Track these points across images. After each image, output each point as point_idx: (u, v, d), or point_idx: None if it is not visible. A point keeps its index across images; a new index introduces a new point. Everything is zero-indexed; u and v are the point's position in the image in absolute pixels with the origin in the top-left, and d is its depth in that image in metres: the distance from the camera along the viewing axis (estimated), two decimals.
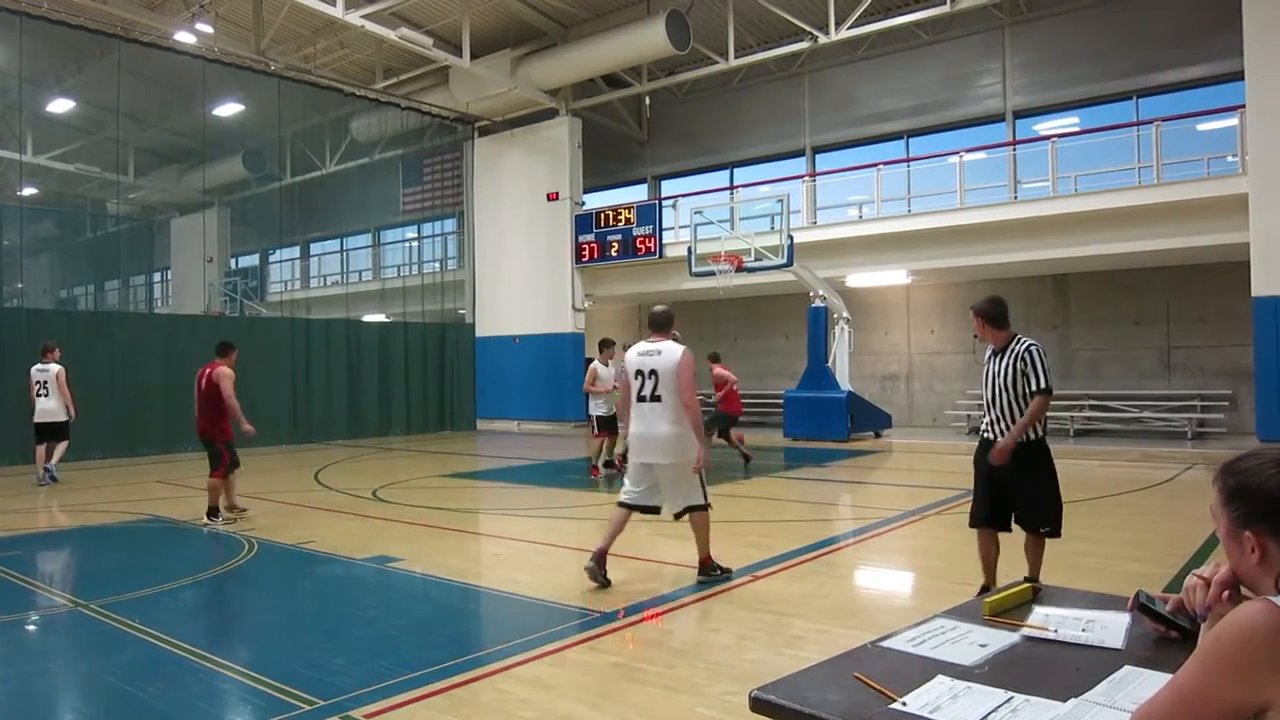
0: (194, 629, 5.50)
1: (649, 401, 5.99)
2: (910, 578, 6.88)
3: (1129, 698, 1.70)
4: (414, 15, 18.68)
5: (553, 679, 4.32)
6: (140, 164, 25.28)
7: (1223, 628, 1.40)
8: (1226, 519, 1.52)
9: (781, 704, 1.80)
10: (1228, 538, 1.53)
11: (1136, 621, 2.14)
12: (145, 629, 5.19)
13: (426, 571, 6.84)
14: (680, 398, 5.93)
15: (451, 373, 21.91)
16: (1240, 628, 1.37)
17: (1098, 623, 2.19)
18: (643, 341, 6.26)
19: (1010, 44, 18.45)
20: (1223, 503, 1.53)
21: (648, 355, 6.08)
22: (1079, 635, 2.12)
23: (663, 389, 5.95)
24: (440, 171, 23.27)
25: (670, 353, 6.00)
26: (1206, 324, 16.40)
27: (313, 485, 12.06)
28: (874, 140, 20.27)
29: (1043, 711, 1.69)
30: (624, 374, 6.23)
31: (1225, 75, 15.17)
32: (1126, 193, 14.78)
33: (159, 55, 17.58)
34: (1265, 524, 1.46)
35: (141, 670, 4.57)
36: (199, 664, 4.61)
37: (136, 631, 5.17)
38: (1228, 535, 1.53)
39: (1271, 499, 1.45)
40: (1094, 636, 2.11)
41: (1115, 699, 1.72)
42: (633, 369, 6.10)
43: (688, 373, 5.98)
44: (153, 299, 27.57)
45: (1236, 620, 1.38)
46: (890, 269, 17.72)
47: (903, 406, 19.70)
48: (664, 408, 5.95)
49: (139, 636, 5.09)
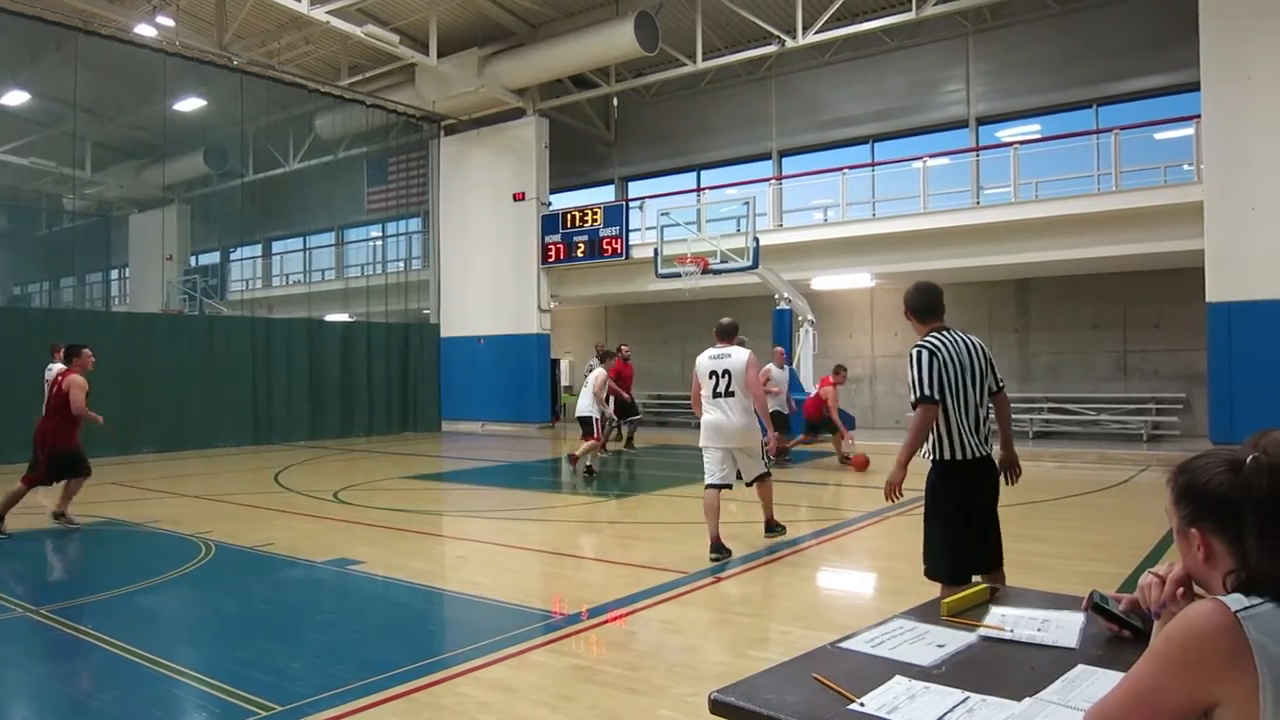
0: (149, 634, 5.40)
1: (723, 397, 6.94)
2: (872, 579, 6.93)
3: (1082, 696, 1.72)
4: (380, 12, 18.53)
5: (514, 681, 4.30)
6: (98, 159, 24.84)
7: (1172, 628, 1.41)
8: (1177, 518, 1.55)
9: (740, 705, 1.80)
10: (1179, 537, 1.56)
11: (1091, 621, 2.16)
12: (99, 634, 5.10)
13: (388, 574, 6.77)
14: (750, 391, 6.94)
15: (415, 373, 21.74)
16: (1189, 627, 1.38)
17: (1053, 622, 2.22)
18: (712, 348, 7.15)
19: (974, 51, 18.67)
20: (1173, 502, 1.56)
21: (719, 358, 7.02)
22: (1034, 635, 2.14)
23: (735, 386, 6.92)
24: (405, 170, 23.09)
25: (739, 355, 6.99)
26: (1162, 329, 16.69)
27: (273, 487, 11.91)
28: (840, 144, 20.41)
29: (998, 711, 1.71)
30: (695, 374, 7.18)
31: (1182, 85, 15.44)
32: (1086, 199, 15.02)
33: (118, 48, 17.23)
34: (1210, 522, 1.48)
35: (95, 677, 4.49)
36: (154, 670, 4.52)
37: (90, 637, 5.07)
38: (1178, 534, 1.56)
39: (1215, 497, 1.47)
40: (1049, 636, 2.13)
41: (1069, 698, 1.74)
42: (705, 370, 7.03)
43: (753, 371, 7.03)
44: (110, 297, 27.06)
45: (1186, 620, 1.40)
46: (854, 272, 17.85)
47: (866, 409, 19.84)
48: (736, 401, 6.93)
49: (92, 642, 4.99)
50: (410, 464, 14.94)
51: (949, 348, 4.25)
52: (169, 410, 16.45)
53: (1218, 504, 1.47)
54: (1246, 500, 1.43)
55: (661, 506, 10.32)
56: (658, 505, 10.43)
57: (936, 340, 4.27)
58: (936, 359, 4.20)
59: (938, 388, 4.16)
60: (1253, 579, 1.41)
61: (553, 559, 7.47)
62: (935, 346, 4.23)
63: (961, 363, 4.24)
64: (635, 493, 11.93)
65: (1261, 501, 1.41)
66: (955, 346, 4.27)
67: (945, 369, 4.20)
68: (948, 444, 4.24)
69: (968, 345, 4.32)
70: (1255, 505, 1.42)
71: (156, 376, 16.31)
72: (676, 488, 11.44)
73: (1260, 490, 1.42)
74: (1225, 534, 1.46)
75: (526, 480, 13.29)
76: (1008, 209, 15.69)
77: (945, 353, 4.23)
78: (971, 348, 4.32)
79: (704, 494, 7.08)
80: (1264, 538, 1.41)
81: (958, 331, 4.37)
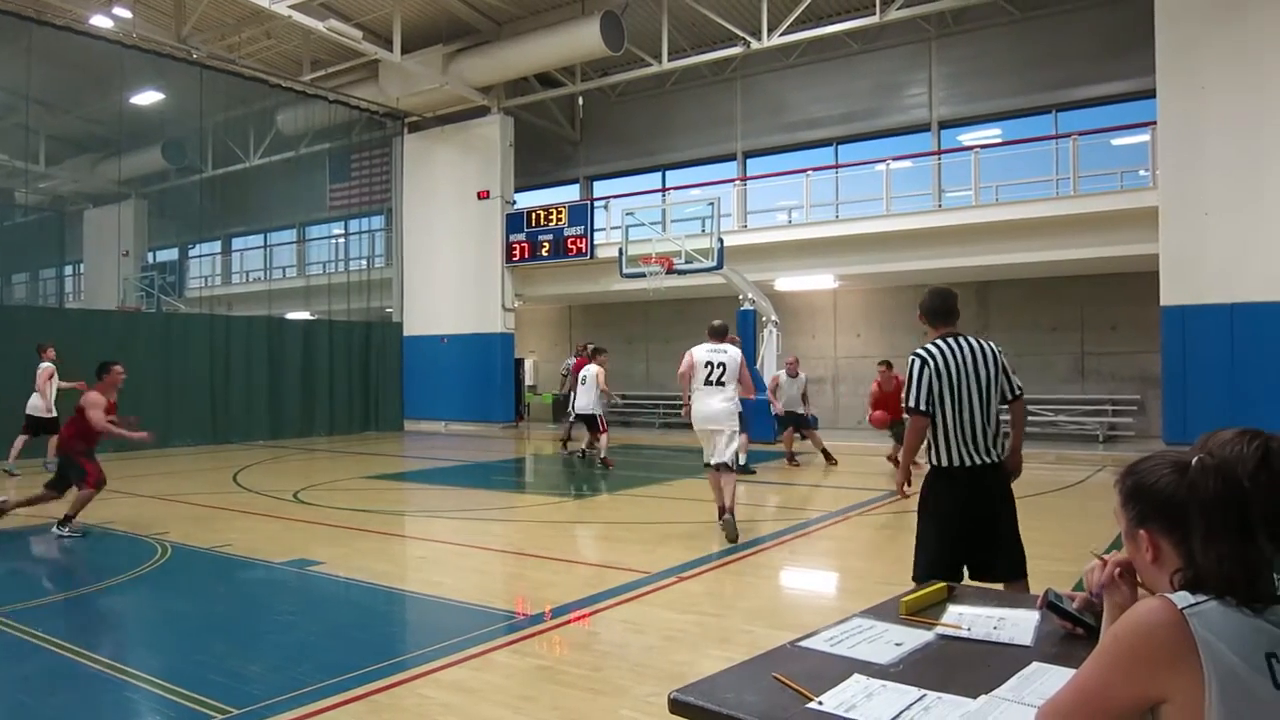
0: (102, 637, 5.31)
1: (714, 385, 7.87)
2: (834, 578, 6.98)
3: (1036, 693, 1.75)
4: (343, 7, 18.36)
5: (476, 683, 4.27)
6: (52, 152, 24.30)
7: (1120, 625, 1.44)
8: (1125, 520, 1.57)
9: (700, 705, 1.80)
10: (1127, 538, 1.58)
11: (1045, 619, 2.20)
12: (50, 638, 4.99)
13: (348, 575, 6.70)
14: (739, 383, 7.96)
15: (378, 372, 21.55)
16: (1136, 625, 1.41)
17: (1009, 621, 2.25)
18: (708, 344, 8.09)
19: (936, 56, 18.88)
20: (1121, 504, 1.58)
21: (716, 352, 8.00)
22: (991, 633, 2.17)
23: (728, 378, 7.88)
24: (369, 167, 22.87)
25: (734, 353, 8.01)
26: (1118, 331, 16.99)
27: (231, 487, 11.75)
28: (804, 146, 20.55)
29: (954, 709, 1.73)
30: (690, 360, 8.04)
31: (1139, 92, 15.72)
32: (1045, 203, 15.25)
33: (74, 39, 16.89)
34: (1158, 523, 1.51)
35: (46, 681, 4.39)
36: (107, 674, 4.44)
37: (41, 641, 4.96)
38: (1127, 536, 1.58)
39: (1162, 498, 1.49)
40: (1005, 634, 2.16)
41: (1023, 695, 1.77)
42: (703, 360, 7.95)
43: (745, 369, 8.10)
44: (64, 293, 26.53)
45: (1133, 617, 1.43)
46: (818, 273, 17.98)
47: (829, 409, 19.98)
48: (725, 389, 7.88)
49: (43, 646, 4.88)
50: (372, 464, 14.81)
51: (948, 355, 4.24)
52: (124, 409, 16.03)
53: (1164, 504, 1.49)
54: (1192, 501, 1.45)
55: (625, 506, 10.32)
56: (621, 505, 10.43)
57: (934, 348, 4.27)
58: (928, 368, 4.22)
59: (924, 398, 4.21)
60: (1198, 578, 1.44)
61: (516, 559, 7.44)
62: (929, 355, 4.24)
63: (962, 370, 4.22)
64: (599, 493, 11.93)
65: (1207, 502, 1.44)
66: (959, 353, 4.24)
67: (937, 378, 4.21)
68: (941, 450, 4.27)
69: (975, 351, 4.27)
70: (1201, 506, 1.44)
71: None
72: (640, 488, 11.45)
73: (1205, 491, 1.44)
74: (1172, 534, 1.49)
75: (490, 480, 13.23)
76: (969, 212, 15.89)
77: (940, 360, 4.23)
78: (980, 354, 4.27)
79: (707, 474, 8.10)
80: (1209, 537, 1.43)
81: (968, 337, 4.34)
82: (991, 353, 4.30)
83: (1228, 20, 13.09)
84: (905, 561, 4.58)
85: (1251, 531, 1.42)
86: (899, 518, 9.05)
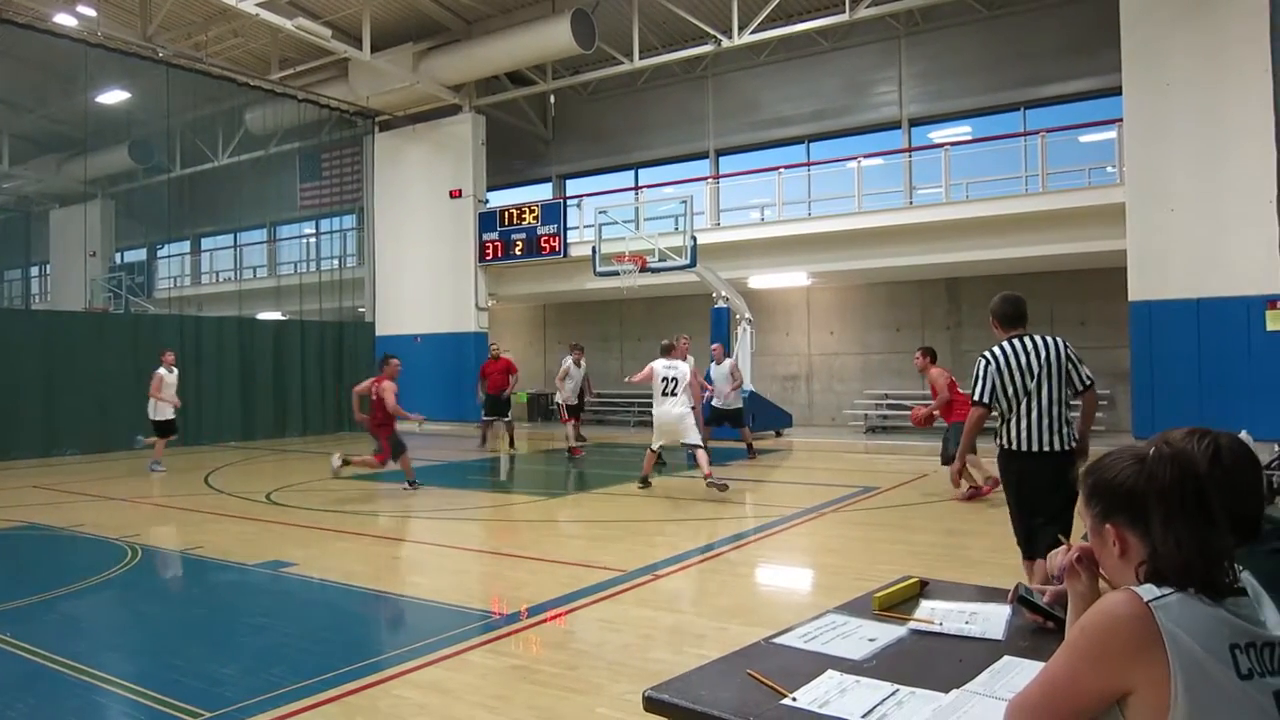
0: (71, 641, 5.23)
1: (670, 395, 10.00)
2: (808, 575, 7.01)
3: (1007, 687, 1.77)
4: (312, 5, 18.20)
5: (451, 683, 4.26)
6: (16, 152, 23.98)
7: (1087, 619, 1.45)
8: (1090, 518, 1.59)
9: (675, 703, 1.81)
10: (1094, 536, 1.59)
11: (1017, 613, 2.22)
12: (17, 642, 4.92)
13: (322, 576, 6.67)
14: (691, 392, 10.21)
15: (350, 372, 21.31)
16: (1103, 617, 1.42)
17: (980, 615, 2.27)
18: (664, 360, 10.22)
19: (906, 54, 19.01)
20: (1085, 502, 1.60)
21: (670, 368, 10.10)
22: (963, 628, 2.20)
23: (680, 389, 10.02)
24: (339, 166, 22.70)
25: (684, 368, 10.15)
26: (1088, 327, 17.16)
27: (203, 489, 11.64)
28: (776, 144, 20.61)
29: (926, 703, 1.74)
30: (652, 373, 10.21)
31: (1106, 90, 15.89)
32: (1014, 200, 15.39)
33: (36, 38, 16.62)
34: (1122, 516, 1.52)
35: (12, 686, 4.33)
36: (76, 678, 4.39)
37: (7, 645, 4.89)
38: (1093, 534, 1.59)
39: (1123, 490, 1.51)
40: (976, 629, 2.19)
41: (994, 689, 1.79)
42: (660, 374, 10.07)
43: (695, 378, 10.60)
44: (29, 294, 26.17)
45: (1099, 610, 1.44)
46: (791, 271, 18.05)
47: (803, 406, 20.08)
48: (679, 399, 10.03)
49: (10, 650, 4.81)
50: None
51: (1015, 355, 4.80)
52: (92, 411, 15.95)
53: (1126, 497, 1.51)
54: (1151, 491, 1.47)
55: (600, 505, 10.33)
56: (596, 503, 10.44)
57: (1002, 349, 4.85)
58: (991, 366, 4.82)
59: (988, 393, 4.80)
60: (1159, 569, 1.45)
61: (491, 558, 7.43)
62: (994, 355, 4.84)
63: (1029, 366, 4.77)
64: (573, 491, 11.92)
65: (1165, 490, 1.46)
66: (1024, 353, 4.80)
67: (1001, 374, 4.79)
68: (1006, 436, 4.86)
69: (1043, 349, 4.81)
70: (1159, 494, 1.46)
71: (80, 376, 15.83)
72: (615, 485, 11.45)
73: (1163, 479, 1.46)
74: (1135, 526, 1.50)
75: (464, 480, 13.19)
76: (939, 209, 16.00)
77: (1004, 359, 4.81)
78: (1048, 350, 4.80)
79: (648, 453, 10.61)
80: (1168, 525, 1.45)
81: (1036, 336, 4.88)
82: (1059, 349, 4.84)
83: (1191, 18, 13.27)
84: (879, 557, 4.63)
85: (1211, 518, 1.44)
86: (871, 514, 9.12)
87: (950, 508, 9.22)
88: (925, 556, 7.02)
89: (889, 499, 9.90)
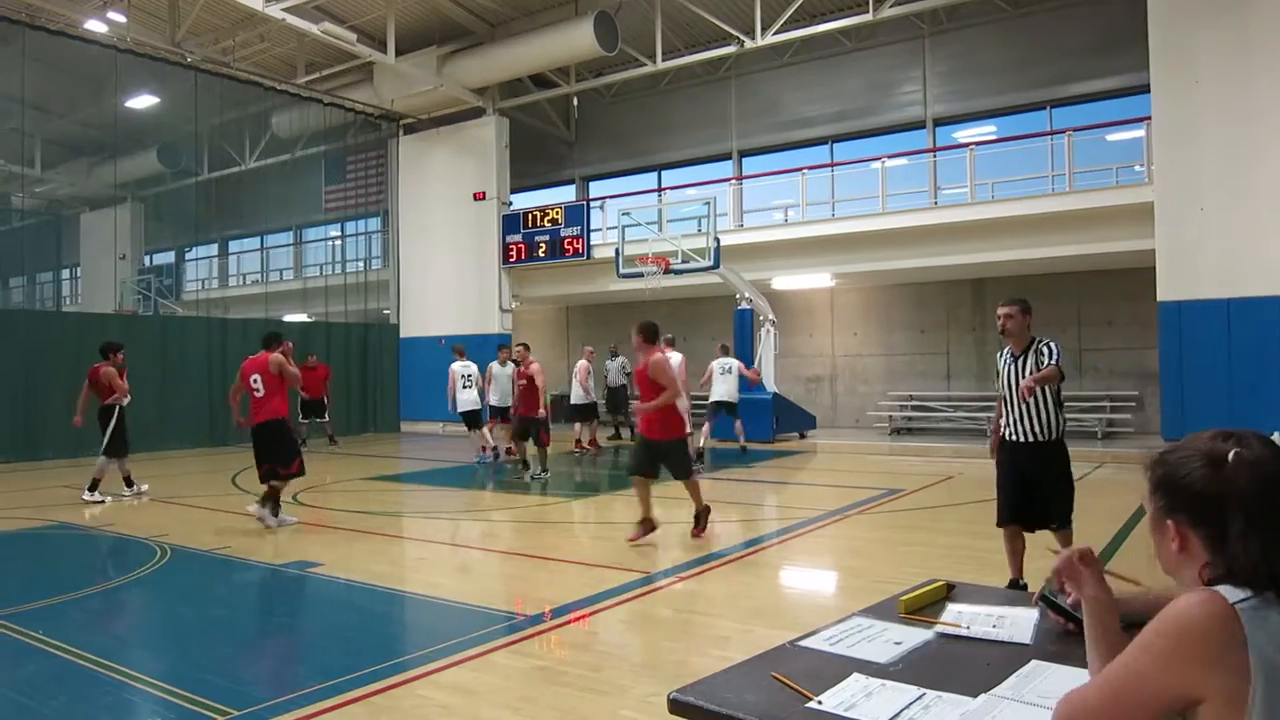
0: (102, 639, 5.30)
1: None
2: (833, 577, 6.98)
3: (1035, 691, 1.75)
4: (338, 9, 18.33)
5: (475, 684, 4.28)
6: (47, 156, 24.29)
7: (1162, 619, 1.37)
8: (1153, 507, 1.53)
9: (700, 705, 1.80)
10: (1153, 524, 1.54)
11: (1044, 616, 2.20)
12: (50, 640, 4.99)
13: (348, 576, 6.70)
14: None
15: (375, 374, 21.54)
16: (1182, 617, 1.34)
17: (1008, 619, 2.25)
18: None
19: (930, 53, 18.88)
20: (1150, 491, 1.54)
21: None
22: (990, 631, 2.17)
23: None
24: (364, 169, 22.86)
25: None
26: (1115, 327, 16.98)
27: (230, 489, 11.75)
28: (799, 145, 20.53)
29: (953, 707, 1.73)
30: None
31: (1133, 88, 15.72)
32: (1040, 200, 15.24)
33: (68, 44, 16.85)
34: (1188, 515, 1.46)
35: (45, 684, 4.39)
36: (107, 675, 4.44)
37: (40, 643, 4.96)
38: (1153, 522, 1.54)
39: (1191, 492, 1.45)
40: (1004, 632, 2.16)
41: (1023, 693, 1.77)
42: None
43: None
44: (61, 297, 26.50)
45: (1178, 610, 1.36)
46: (814, 272, 17.97)
47: (827, 408, 19.99)
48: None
49: (42, 649, 4.88)
50: (370, 465, 14.81)
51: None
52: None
53: (1196, 498, 1.45)
54: (1229, 496, 1.40)
55: (622, 507, 10.31)
56: (618, 505, 10.42)
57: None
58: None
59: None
60: (1231, 573, 1.39)
61: (514, 560, 7.45)
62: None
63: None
64: (595, 493, 11.93)
65: (1246, 498, 1.39)
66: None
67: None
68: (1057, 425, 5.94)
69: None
70: (1240, 501, 1.39)
71: None
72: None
73: (1242, 486, 1.40)
74: (1202, 528, 1.44)
75: (488, 481, 13.22)
76: (964, 209, 15.87)
77: None
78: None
79: None
80: (1248, 533, 1.38)
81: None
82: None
83: (1220, 13, 13.09)
84: (904, 560, 4.59)
85: None
86: (897, 516, 9.07)
87: (977, 510, 9.14)
88: (951, 559, 6.96)
89: (914, 501, 9.84)
